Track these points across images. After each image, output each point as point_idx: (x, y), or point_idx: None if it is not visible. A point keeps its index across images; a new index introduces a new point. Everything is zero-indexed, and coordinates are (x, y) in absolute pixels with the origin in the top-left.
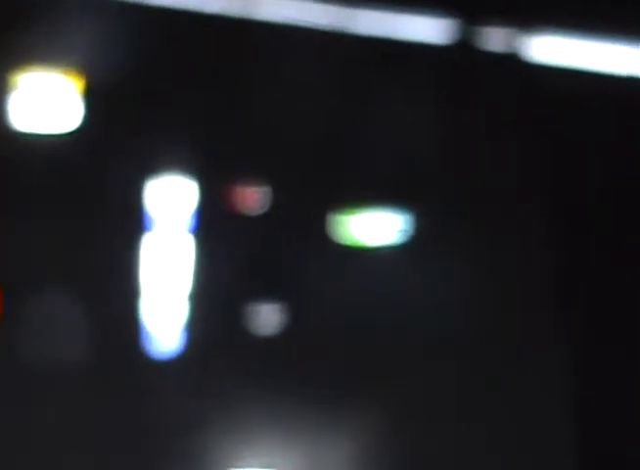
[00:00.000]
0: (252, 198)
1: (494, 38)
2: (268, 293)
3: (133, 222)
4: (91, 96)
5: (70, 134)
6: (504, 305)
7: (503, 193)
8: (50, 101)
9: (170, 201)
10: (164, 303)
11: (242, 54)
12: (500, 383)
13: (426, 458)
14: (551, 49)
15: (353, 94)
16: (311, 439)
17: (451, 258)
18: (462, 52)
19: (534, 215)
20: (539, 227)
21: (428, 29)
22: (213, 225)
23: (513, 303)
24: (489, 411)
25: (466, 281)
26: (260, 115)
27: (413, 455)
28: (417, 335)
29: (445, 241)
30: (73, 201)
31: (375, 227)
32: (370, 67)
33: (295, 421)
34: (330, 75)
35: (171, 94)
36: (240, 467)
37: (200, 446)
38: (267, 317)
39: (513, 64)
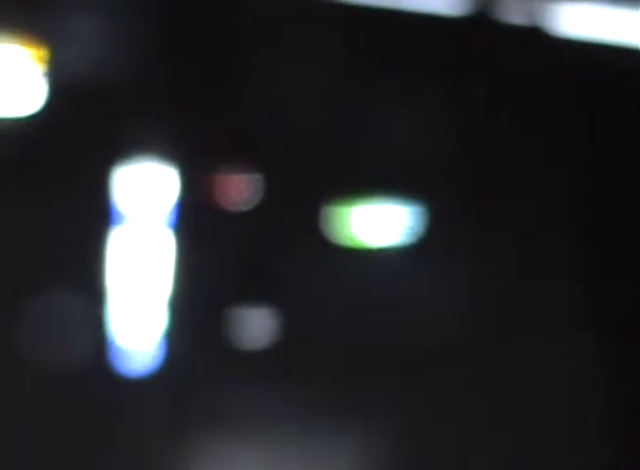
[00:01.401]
0: (239, 189)
1: (515, 9)
2: (257, 298)
3: (103, 217)
4: (56, 73)
5: (32, 117)
6: (524, 309)
7: (524, 182)
8: (8, 78)
9: (146, 192)
10: (139, 309)
11: (229, 26)
12: (522, 390)
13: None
14: (578, 20)
15: (355, 73)
16: (307, 459)
17: (466, 260)
18: (478, 24)
19: (557, 208)
20: (563, 222)
21: None
22: (195, 220)
23: (534, 306)
24: (509, 417)
25: (482, 286)
26: (250, 95)
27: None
28: (424, 345)
29: (460, 240)
30: (34, 193)
31: (378, 224)
32: (374, 42)
33: (288, 439)
34: (329, 52)
35: (148, 71)
36: None
37: None
38: (256, 325)
39: (536, 37)
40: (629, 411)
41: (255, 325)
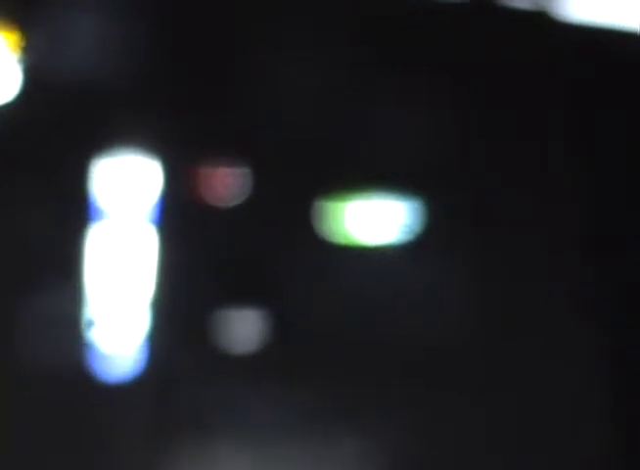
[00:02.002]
0: (227, 184)
1: None
2: (246, 298)
3: (83, 212)
4: (33, 61)
5: (7, 106)
6: (522, 307)
7: (529, 176)
8: None
9: (128, 186)
10: (119, 311)
11: (217, 16)
12: (521, 388)
13: None
14: (584, 5)
15: (351, 65)
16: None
17: (464, 257)
18: (481, 10)
19: (558, 203)
20: (563, 218)
21: None
22: (180, 216)
23: (533, 304)
24: (509, 417)
25: (480, 283)
26: (241, 87)
27: None
28: (422, 345)
29: (458, 237)
30: (8, 186)
31: (374, 221)
32: (373, 29)
33: (281, 445)
34: (325, 40)
35: (130, 55)
36: None
37: None
38: (245, 327)
39: (542, 23)
40: (630, 410)
41: (245, 327)
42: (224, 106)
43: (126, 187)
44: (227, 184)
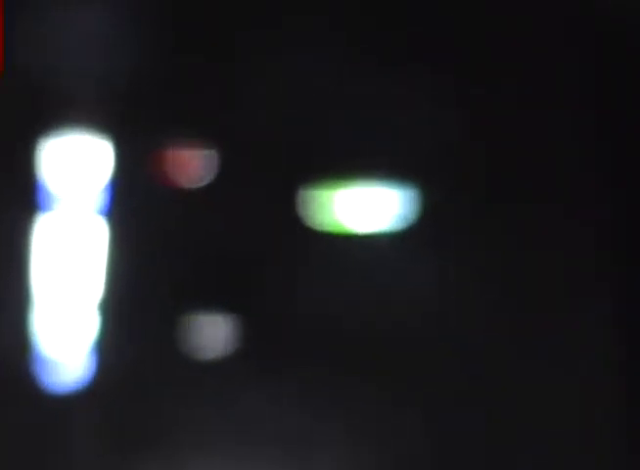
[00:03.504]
0: (193, 165)
1: None
2: (216, 299)
3: (28, 201)
4: None
5: None
6: (529, 305)
7: (537, 163)
8: None
9: (76, 169)
10: (68, 313)
11: None
12: (522, 381)
13: None
14: None
15: (337, 47)
16: None
17: (459, 248)
18: None
19: (555, 191)
20: (556, 207)
21: None
22: (137, 203)
23: (539, 301)
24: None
25: (483, 277)
26: (208, 49)
27: None
28: (422, 345)
29: (457, 227)
30: None
31: (365, 208)
32: (350, 15)
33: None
34: (309, 13)
35: (81, 22)
36: None
37: None
38: (215, 333)
39: None
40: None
41: (215, 332)
42: (194, 75)
43: (74, 170)
44: (194, 166)
